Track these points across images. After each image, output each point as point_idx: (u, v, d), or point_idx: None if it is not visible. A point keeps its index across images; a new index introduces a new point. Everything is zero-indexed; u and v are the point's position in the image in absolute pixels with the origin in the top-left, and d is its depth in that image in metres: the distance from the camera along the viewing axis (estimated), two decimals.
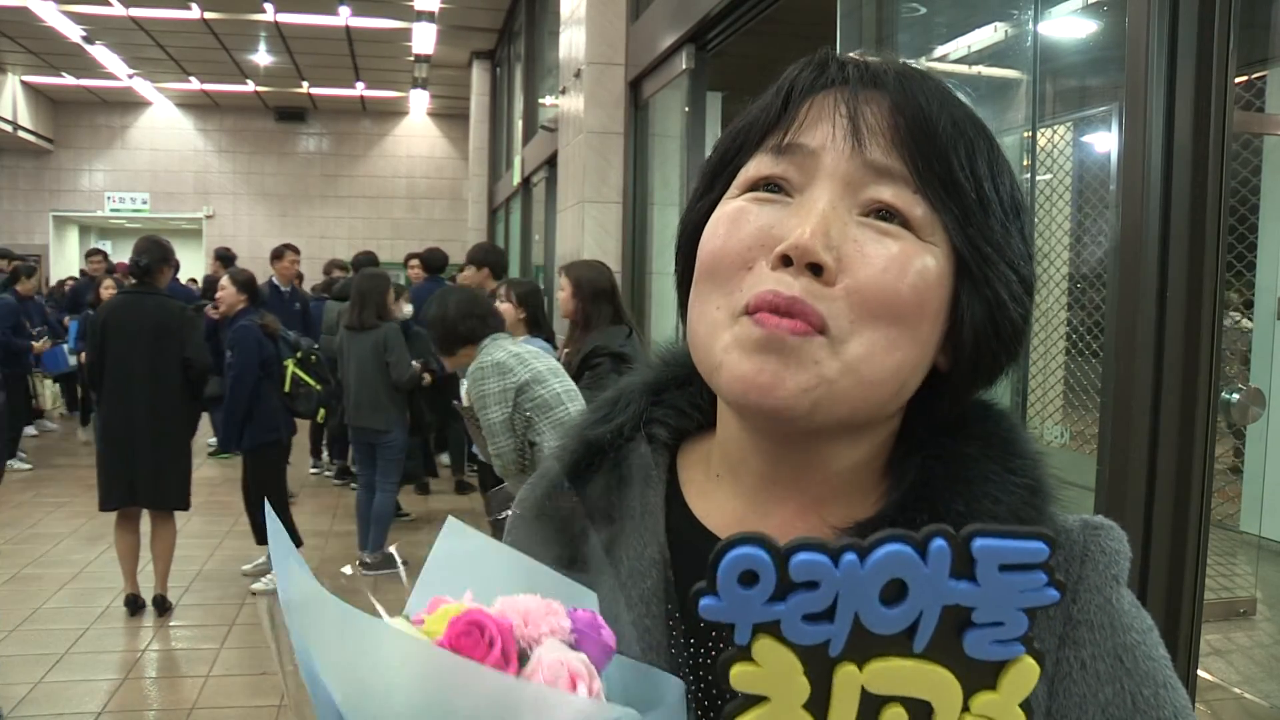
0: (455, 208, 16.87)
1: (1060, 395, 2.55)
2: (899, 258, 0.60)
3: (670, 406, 0.75)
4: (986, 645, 0.45)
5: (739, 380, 0.60)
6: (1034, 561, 0.43)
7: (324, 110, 17.23)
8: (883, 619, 0.44)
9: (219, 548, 6.16)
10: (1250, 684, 2.91)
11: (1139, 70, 1.71)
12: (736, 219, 0.63)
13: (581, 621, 0.55)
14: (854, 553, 0.43)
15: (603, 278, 3.96)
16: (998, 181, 0.63)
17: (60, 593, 5.29)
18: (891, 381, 0.61)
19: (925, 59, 2.98)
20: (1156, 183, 1.70)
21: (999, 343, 0.64)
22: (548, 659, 0.52)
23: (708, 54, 4.33)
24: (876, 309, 0.59)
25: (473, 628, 0.51)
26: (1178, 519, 1.72)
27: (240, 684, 4.20)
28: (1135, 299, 1.73)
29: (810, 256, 0.59)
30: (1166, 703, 0.60)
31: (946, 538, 0.43)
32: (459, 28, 11.77)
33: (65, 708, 3.90)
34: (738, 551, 0.43)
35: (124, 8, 11.31)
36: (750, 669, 0.45)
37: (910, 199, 0.61)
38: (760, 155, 0.65)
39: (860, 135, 0.61)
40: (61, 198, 17.05)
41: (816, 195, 0.61)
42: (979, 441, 0.65)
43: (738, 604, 0.44)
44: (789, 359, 0.59)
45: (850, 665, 0.46)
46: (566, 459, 0.74)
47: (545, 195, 8.22)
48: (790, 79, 0.65)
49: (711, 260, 0.64)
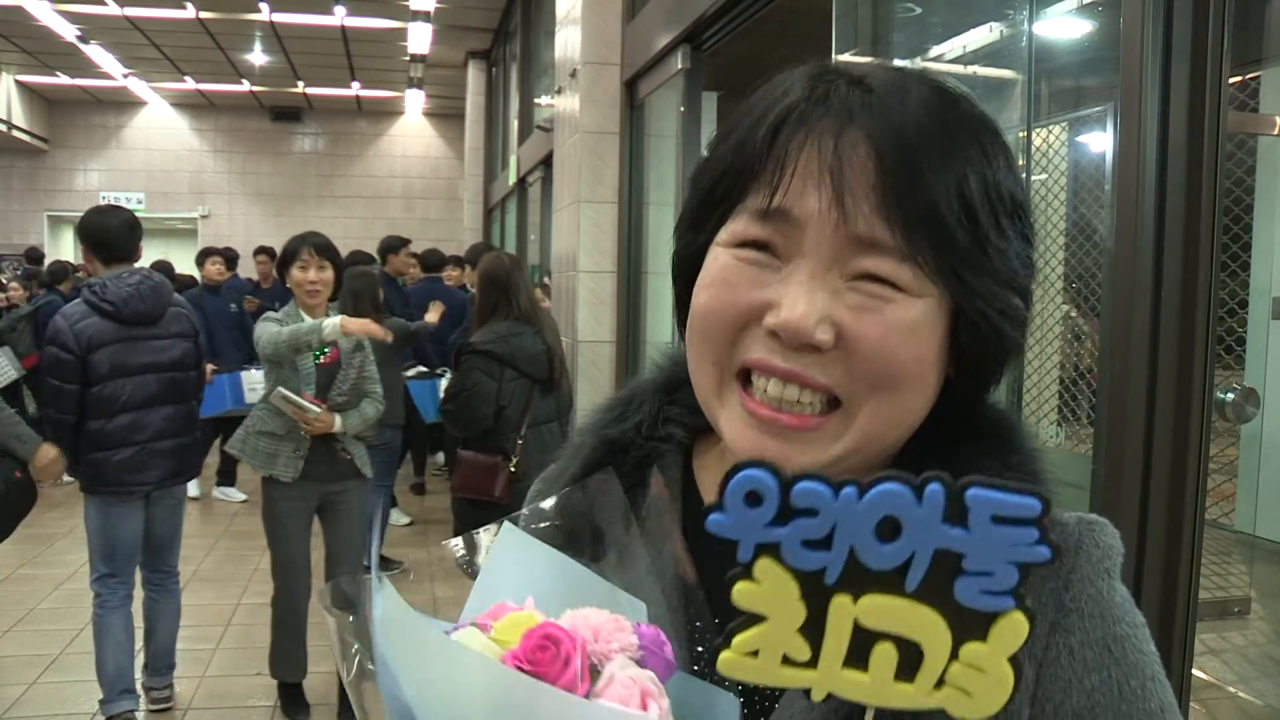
0: (451, 207, 16.85)
1: (1055, 395, 2.55)
2: (894, 325, 0.61)
3: (683, 405, 0.76)
4: (976, 594, 0.46)
5: (744, 453, 0.62)
6: (1026, 516, 0.45)
7: (319, 110, 17.20)
8: (877, 554, 0.47)
9: (214, 548, 6.15)
10: (1245, 683, 2.92)
11: (1134, 70, 1.71)
12: (726, 280, 0.64)
13: (647, 638, 0.56)
14: (854, 487, 0.46)
15: (498, 267, 3.93)
16: (995, 199, 0.62)
17: (55, 594, 5.28)
18: (900, 429, 0.64)
19: (920, 59, 2.98)
20: (1151, 183, 1.70)
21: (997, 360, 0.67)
22: (620, 677, 0.53)
23: (703, 54, 4.33)
24: (879, 374, 0.61)
25: (548, 642, 0.53)
26: (1172, 517, 1.72)
27: (236, 684, 4.19)
28: (1130, 298, 1.73)
29: (804, 338, 0.60)
30: (1153, 695, 0.61)
31: (943, 484, 0.45)
32: (454, 27, 11.76)
33: (60, 709, 3.89)
34: (746, 473, 0.47)
35: (119, 7, 11.28)
36: (751, 587, 0.48)
37: (896, 266, 0.61)
38: (746, 215, 0.64)
39: (844, 206, 0.60)
40: (56, 197, 17.00)
41: (803, 266, 0.61)
42: (975, 440, 0.67)
43: (742, 522, 0.47)
44: (795, 443, 0.61)
45: (845, 596, 0.48)
46: (586, 455, 0.75)
47: (541, 195, 8.21)
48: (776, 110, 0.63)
49: (703, 318, 0.65)
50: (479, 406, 3.73)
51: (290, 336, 3.55)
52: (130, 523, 3.57)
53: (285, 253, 3.78)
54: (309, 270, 3.70)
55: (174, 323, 3.61)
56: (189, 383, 3.69)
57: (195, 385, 3.75)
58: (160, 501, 3.65)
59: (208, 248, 8.69)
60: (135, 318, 3.47)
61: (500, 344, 3.77)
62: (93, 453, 3.46)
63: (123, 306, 3.43)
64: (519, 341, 3.81)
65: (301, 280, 3.69)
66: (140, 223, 3.67)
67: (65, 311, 3.48)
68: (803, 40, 3.41)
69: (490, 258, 4.05)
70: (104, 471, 3.47)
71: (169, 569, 3.81)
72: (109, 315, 3.42)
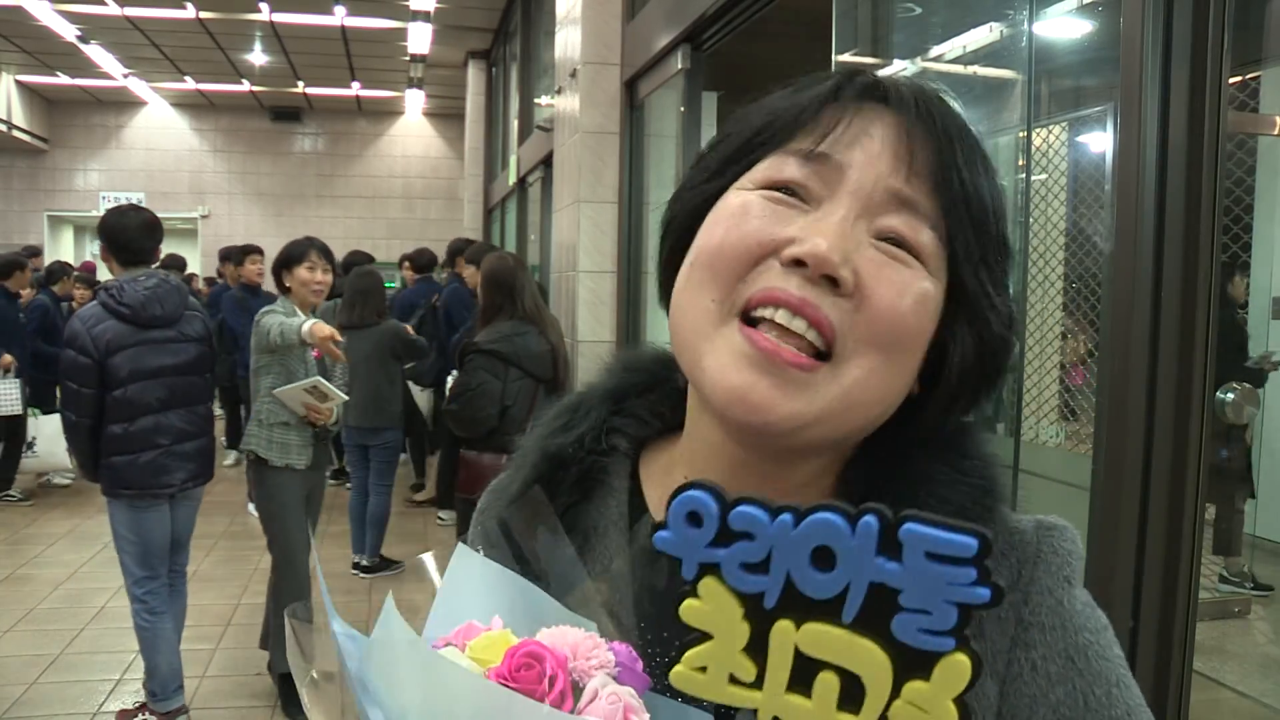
0: (451, 207, 16.84)
1: (1055, 395, 2.55)
2: (910, 284, 0.60)
3: (631, 415, 0.74)
4: (915, 632, 0.46)
5: (727, 391, 0.60)
6: (962, 555, 0.44)
7: (319, 110, 17.20)
8: (813, 582, 0.47)
9: (214, 549, 6.15)
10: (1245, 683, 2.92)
11: (1134, 70, 1.71)
12: (747, 214, 0.62)
13: (621, 655, 0.56)
14: (791, 514, 0.47)
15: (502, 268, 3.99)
16: (1001, 221, 0.64)
17: (55, 594, 5.28)
18: (878, 407, 0.62)
19: (920, 59, 2.98)
20: (1151, 183, 1.70)
21: (982, 377, 0.65)
22: (604, 693, 0.53)
23: (703, 54, 4.33)
24: (883, 332, 0.59)
25: (531, 660, 0.53)
26: (1172, 518, 1.72)
27: (235, 684, 4.19)
28: (1130, 298, 1.73)
29: (827, 268, 0.58)
30: (1119, 701, 0.60)
31: (879, 516, 0.45)
32: (454, 27, 11.75)
33: (60, 709, 3.89)
34: (688, 494, 0.48)
35: (119, 7, 11.28)
36: (698, 605, 0.49)
37: (920, 230, 0.61)
38: (784, 156, 0.63)
39: (894, 161, 0.61)
40: (56, 197, 17.00)
41: (836, 209, 0.61)
42: (927, 446, 0.65)
43: (685, 541, 0.48)
44: (787, 384, 0.59)
45: (787, 621, 0.48)
46: (527, 471, 0.72)
47: (541, 195, 8.21)
48: (834, 84, 0.64)
49: (714, 250, 0.62)
50: (484, 406, 3.73)
51: (289, 329, 3.72)
52: (161, 524, 3.57)
53: (290, 254, 3.92)
54: (316, 271, 3.89)
55: (189, 325, 3.62)
56: (205, 384, 3.71)
57: (210, 387, 3.79)
58: (183, 502, 3.67)
59: (248, 245, 8.20)
60: (152, 321, 3.47)
61: (505, 344, 3.78)
62: (114, 456, 3.44)
63: (140, 310, 3.43)
64: (523, 341, 3.82)
65: (309, 280, 3.87)
66: (160, 224, 3.68)
67: (82, 315, 3.48)
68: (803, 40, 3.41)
69: (494, 258, 4.07)
70: (127, 475, 3.45)
71: (179, 569, 3.82)
72: (126, 319, 3.42)
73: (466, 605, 0.60)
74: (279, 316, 3.76)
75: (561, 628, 0.56)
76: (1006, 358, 0.65)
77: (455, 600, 0.61)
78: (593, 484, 0.71)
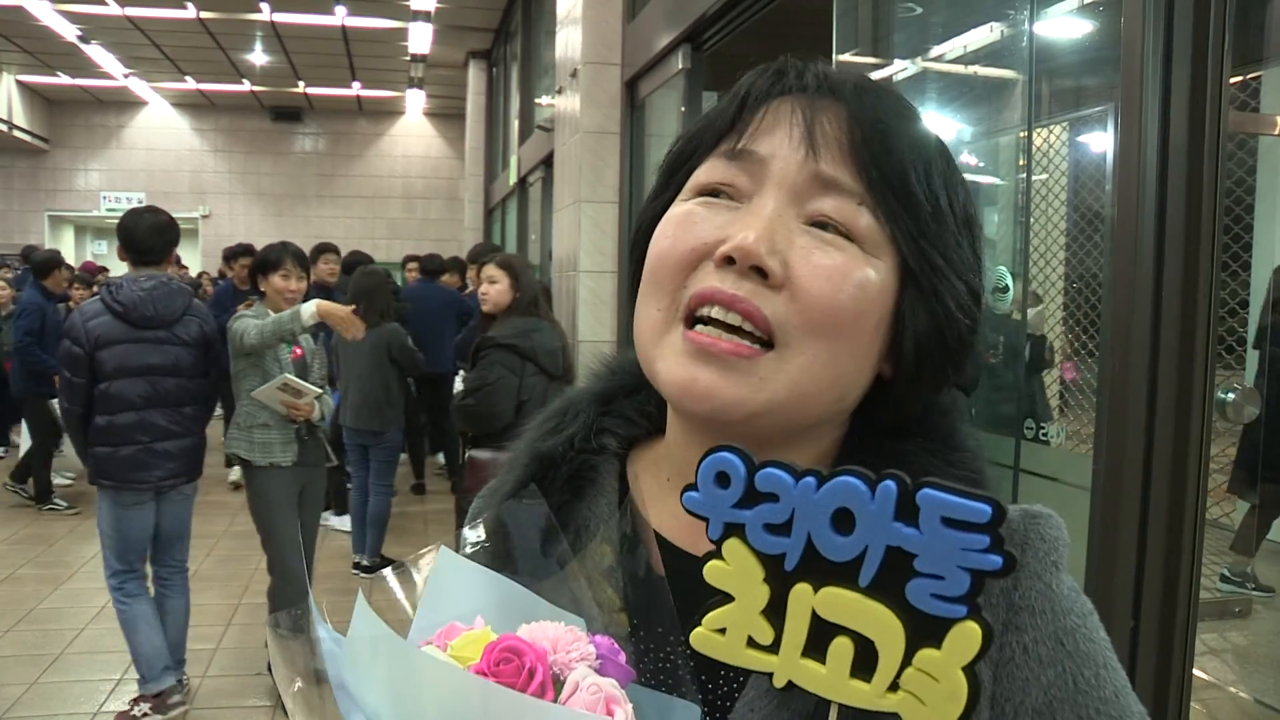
0: (451, 207, 16.86)
1: (1056, 394, 2.55)
2: (841, 268, 0.61)
3: (619, 415, 0.76)
4: (928, 598, 0.47)
5: (675, 386, 0.62)
6: (977, 521, 0.46)
7: (320, 110, 17.21)
8: (832, 544, 0.49)
9: (214, 549, 6.15)
10: (1245, 682, 2.92)
11: (1134, 70, 1.71)
12: (684, 223, 0.65)
13: (603, 647, 0.57)
14: (814, 477, 0.49)
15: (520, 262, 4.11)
16: (952, 195, 0.65)
17: (55, 594, 5.28)
18: (829, 393, 0.63)
19: (921, 59, 2.98)
20: (1152, 182, 1.70)
21: (944, 354, 0.65)
22: (585, 685, 0.53)
23: (704, 54, 4.33)
24: (819, 319, 0.60)
25: (510, 654, 0.54)
26: (1172, 517, 1.72)
27: (235, 684, 4.19)
28: (1131, 298, 1.73)
29: (753, 259, 0.60)
30: (1107, 683, 0.62)
31: (897, 481, 0.47)
32: (455, 27, 11.76)
33: (61, 708, 3.89)
34: (718, 455, 0.50)
35: (119, 7, 11.28)
36: (721, 566, 0.51)
37: (855, 212, 0.62)
38: (713, 160, 0.66)
39: (813, 145, 0.62)
40: (57, 197, 17.02)
41: (764, 202, 0.62)
42: (918, 439, 0.67)
43: (712, 501, 0.51)
44: (728, 371, 0.61)
45: (805, 585, 0.50)
46: (519, 473, 0.74)
47: (541, 195, 8.21)
48: (748, 84, 0.66)
49: (657, 262, 0.65)
50: (501, 401, 3.71)
51: (275, 325, 3.74)
52: (141, 519, 3.67)
53: (267, 259, 3.99)
54: (290, 280, 3.96)
55: (185, 327, 3.67)
56: (196, 387, 3.74)
57: (203, 390, 3.80)
58: (172, 498, 3.74)
59: (322, 244, 6.89)
60: (144, 321, 3.56)
61: (523, 338, 3.77)
62: (98, 446, 3.58)
63: (132, 309, 3.54)
64: (539, 336, 3.82)
65: (283, 288, 3.95)
66: (173, 226, 3.73)
67: (83, 308, 3.64)
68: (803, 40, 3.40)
69: (509, 255, 4.16)
70: (107, 467, 3.58)
71: (178, 564, 3.86)
72: (119, 316, 3.54)
73: (450, 608, 0.60)
74: (250, 321, 3.80)
75: (542, 623, 0.57)
76: (970, 333, 0.66)
77: (439, 603, 0.62)
78: (583, 482, 0.72)
